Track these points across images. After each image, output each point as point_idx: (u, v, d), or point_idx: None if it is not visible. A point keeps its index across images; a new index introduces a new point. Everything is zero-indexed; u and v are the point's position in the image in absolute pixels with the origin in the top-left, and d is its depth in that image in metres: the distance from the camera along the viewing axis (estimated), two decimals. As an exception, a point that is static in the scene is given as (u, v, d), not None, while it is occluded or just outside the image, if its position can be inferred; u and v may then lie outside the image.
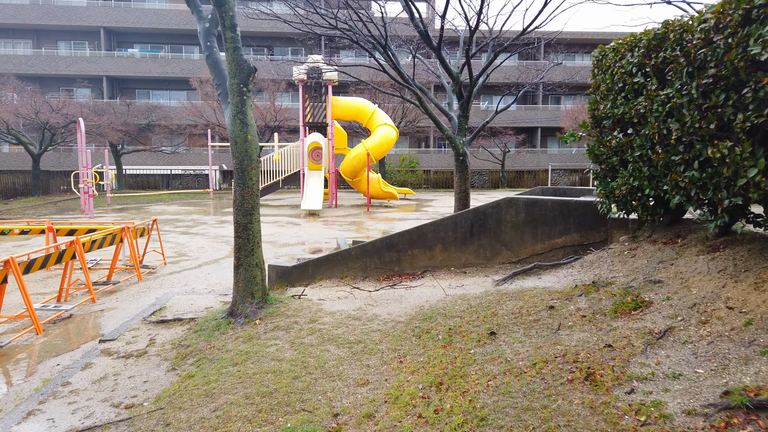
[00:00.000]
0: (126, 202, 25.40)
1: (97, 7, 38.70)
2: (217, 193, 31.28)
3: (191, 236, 14.87)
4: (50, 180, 29.62)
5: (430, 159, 41.17)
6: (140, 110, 32.74)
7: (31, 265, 6.99)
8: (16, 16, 37.77)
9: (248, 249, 5.63)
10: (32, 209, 21.93)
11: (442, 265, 7.08)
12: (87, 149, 19.87)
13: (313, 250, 12.75)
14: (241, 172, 5.63)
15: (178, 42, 41.58)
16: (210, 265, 10.97)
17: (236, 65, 5.52)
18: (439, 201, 25.82)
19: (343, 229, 16.21)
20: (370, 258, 7.43)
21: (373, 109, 22.44)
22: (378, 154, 21.67)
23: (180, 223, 17.50)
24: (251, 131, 5.65)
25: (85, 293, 8.46)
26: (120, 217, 19.45)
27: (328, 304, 5.78)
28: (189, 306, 7.45)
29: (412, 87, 11.36)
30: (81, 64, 38.30)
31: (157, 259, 11.42)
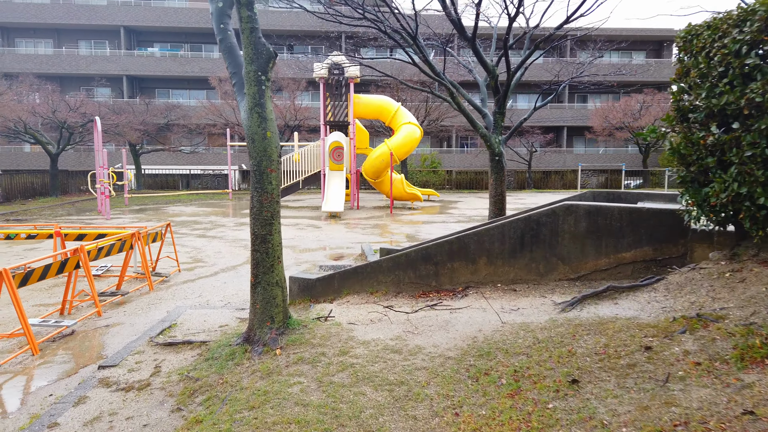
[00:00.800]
0: (144, 202, 24.92)
1: (117, 6, 38.48)
2: (236, 193, 30.72)
3: (208, 240, 14.19)
4: (69, 180, 29.34)
5: (453, 159, 40.20)
6: (159, 109, 32.36)
7: (27, 277, 6.28)
8: (37, 15, 37.72)
9: (267, 265, 4.82)
10: (49, 210, 21.53)
11: (486, 280, 6.21)
12: (105, 149, 19.38)
13: (336, 257, 11.95)
14: (259, 175, 4.82)
15: (198, 41, 41.22)
16: (227, 272, 10.23)
17: (253, 49, 4.72)
18: (464, 203, 24.87)
19: (366, 233, 15.40)
20: (404, 271, 6.58)
21: (396, 107, 21.60)
22: (402, 153, 20.82)
23: (197, 226, 16.85)
24: (271, 127, 4.85)
25: (91, 305, 7.76)
26: (137, 218, 18.89)
27: (360, 330, 4.95)
28: (202, 323, 6.68)
29: (444, 81, 10.49)
30: (101, 63, 38.12)
31: (171, 265, 10.73)
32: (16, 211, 20.39)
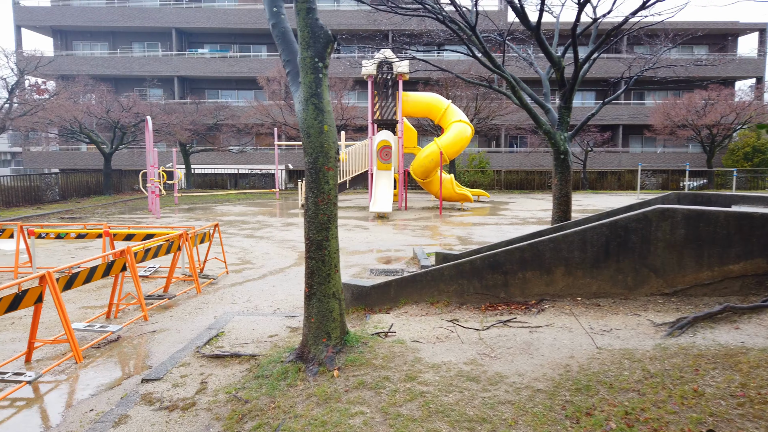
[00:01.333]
0: (193, 201, 25.10)
1: (170, 9, 39.20)
2: (282, 193, 30.67)
3: (256, 240, 13.92)
4: (122, 179, 29.97)
5: (501, 159, 39.11)
6: (209, 109, 32.70)
7: (72, 281, 6.00)
8: (93, 18, 38.84)
9: (323, 274, 4.31)
10: (102, 208, 21.89)
11: (564, 293, 5.52)
12: (156, 148, 19.52)
13: (386, 260, 11.41)
14: (314, 174, 4.32)
15: (246, 41, 41.58)
16: (275, 275, 9.85)
17: (310, 33, 4.21)
18: (516, 204, 23.94)
19: (416, 235, 14.81)
20: (468, 280, 5.97)
21: (446, 104, 20.91)
22: (452, 152, 20.12)
23: (245, 226, 16.67)
24: (328, 120, 4.33)
25: (138, 309, 7.48)
26: (186, 217, 18.91)
27: (427, 350, 4.37)
28: (250, 332, 6.25)
29: (505, 75, 9.79)
30: (153, 64, 38.91)
31: (219, 266, 10.44)
32: (70, 209, 20.80)
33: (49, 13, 38.91)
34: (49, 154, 40.36)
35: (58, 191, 24.16)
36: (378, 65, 20.26)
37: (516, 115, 32.70)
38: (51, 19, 38.87)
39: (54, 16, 38.84)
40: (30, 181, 22.45)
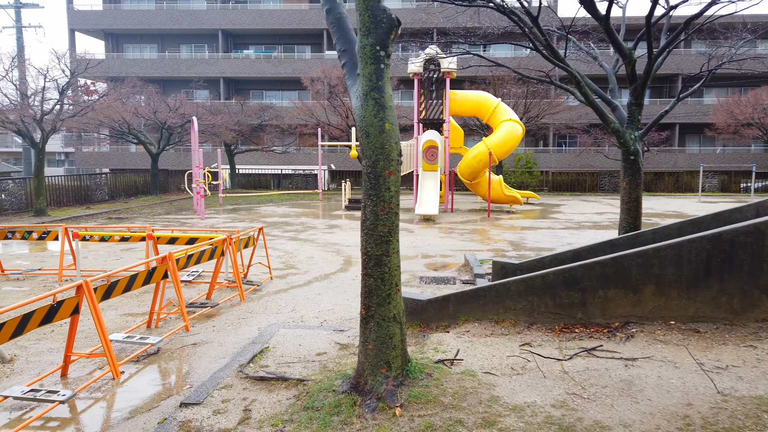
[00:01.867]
0: (237, 202, 25.09)
1: (216, 10, 39.62)
2: (325, 194, 30.38)
3: (300, 243, 13.54)
4: (168, 179, 30.34)
5: (549, 159, 37.83)
6: (253, 110, 32.78)
7: (111, 290, 5.65)
8: (143, 21, 39.63)
9: (382, 294, 3.75)
10: (148, 208, 22.06)
11: (654, 315, 4.81)
12: (201, 149, 19.50)
13: (436, 266, 10.80)
14: (374, 179, 3.76)
15: (290, 42, 41.65)
16: (321, 281, 9.39)
17: (371, 17, 3.67)
18: (568, 206, 22.88)
19: (464, 239, 14.13)
20: (539, 297, 5.31)
21: (496, 102, 20.11)
22: (501, 153, 19.31)
23: (289, 227, 16.36)
24: (390, 117, 3.78)
25: (180, 317, 7.12)
26: (230, 218, 18.78)
27: (504, 386, 3.75)
28: (296, 348, 5.77)
29: (569, 69, 9.02)
30: (200, 66, 39.41)
31: (263, 271, 10.06)
32: (118, 209, 21.01)
33: (101, 16, 39.94)
34: (100, 155, 41.43)
35: (107, 191, 24.55)
36: (425, 63, 19.64)
37: (567, 113, 31.49)
38: (103, 22, 39.87)
39: (106, 20, 39.84)
40: (80, 181, 22.85)
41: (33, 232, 9.60)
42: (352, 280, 9.50)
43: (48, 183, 21.14)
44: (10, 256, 11.69)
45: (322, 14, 30.80)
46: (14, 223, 16.64)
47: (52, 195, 21.19)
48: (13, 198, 19.20)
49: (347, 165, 38.76)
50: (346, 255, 11.96)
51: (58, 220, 17.41)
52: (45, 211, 18.09)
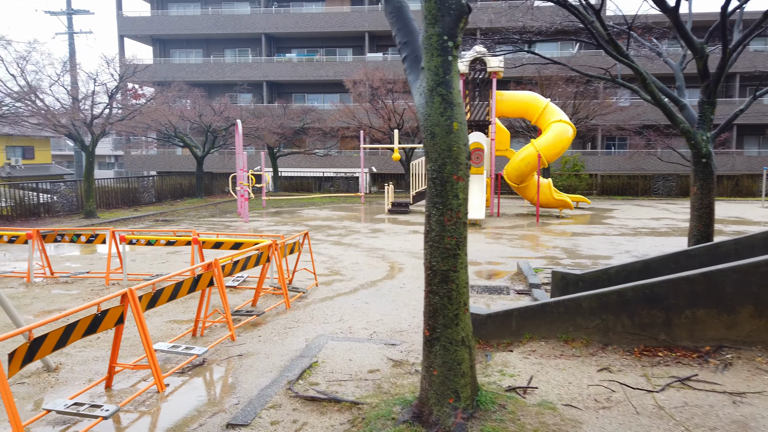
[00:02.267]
0: (280, 205, 25.10)
1: (260, 14, 40.04)
2: (367, 197, 30.09)
3: (344, 248, 13.25)
4: (213, 182, 30.71)
5: (597, 162, 36.57)
6: (296, 113, 32.87)
7: (156, 299, 5.44)
8: (189, 27, 40.40)
9: (449, 314, 3.36)
10: (194, 211, 22.26)
11: (752, 339, 4.25)
12: (245, 152, 19.53)
13: (487, 274, 10.31)
14: (440, 185, 3.37)
15: (332, 45, 41.71)
16: (367, 289, 9.04)
17: (437, 4, 3.29)
18: (621, 211, 21.91)
19: (514, 246, 13.56)
20: (615, 316, 4.80)
21: (545, 103, 19.40)
22: (551, 155, 18.60)
23: (332, 231, 16.12)
24: (458, 115, 3.38)
25: (225, 326, 6.89)
26: (273, 221, 18.71)
27: (591, 423, 3.30)
28: (347, 364, 5.42)
29: (634, 65, 8.41)
30: (244, 70, 39.88)
31: (308, 277, 9.79)
32: (164, 212, 21.26)
33: (148, 22, 40.94)
34: (148, 158, 42.44)
35: (153, 193, 24.96)
36: (470, 63, 19.12)
37: (618, 114, 30.34)
38: (150, 28, 40.86)
39: (153, 26, 40.81)
40: (128, 184, 23.29)
41: (81, 235, 9.61)
42: (399, 288, 9.13)
43: (98, 185, 21.59)
44: (60, 259, 11.82)
45: (363, 16, 30.55)
46: (65, 224, 16.99)
47: (102, 197, 21.63)
48: (64, 200, 19.65)
49: (389, 168, 38.46)
50: (391, 261, 11.60)
51: (107, 222, 17.69)
52: (94, 213, 18.42)
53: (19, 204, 17.99)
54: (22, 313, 7.56)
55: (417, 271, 10.50)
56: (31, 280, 9.32)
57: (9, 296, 8.45)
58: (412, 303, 8.11)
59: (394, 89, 29.08)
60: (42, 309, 7.82)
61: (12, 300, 8.16)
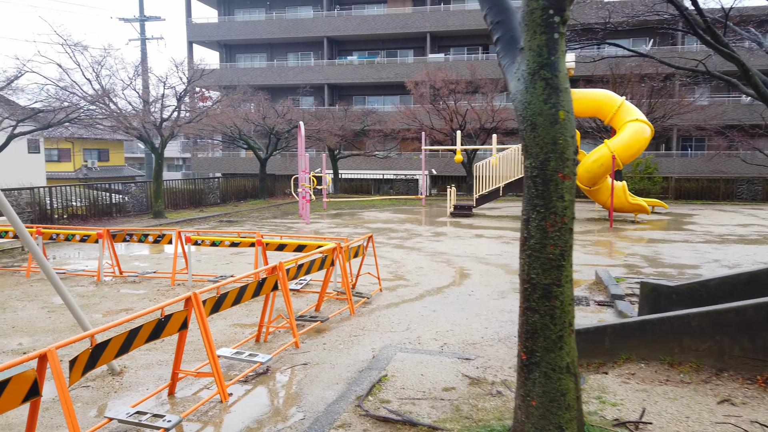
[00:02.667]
0: (340, 207, 25.02)
1: (322, 18, 40.39)
2: (427, 199, 29.58)
3: (406, 251, 12.85)
4: (275, 183, 31.09)
5: (672, 164, 34.53)
6: (356, 115, 32.82)
7: (220, 303, 5.21)
8: (254, 31, 41.27)
9: (552, 336, 2.88)
10: (257, 212, 22.50)
11: None
12: (306, 153, 19.53)
13: (562, 283, 9.60)
14: (542, 184, 2.89)
15: (393, 47, 41.53)
16: (434, 296, 8.59)
17: (545, -26, 2.80)
18: (702, 216, 20.41)
19: (588, 252, 12.73)
20: (733, 337, 4.14)
21: (619, 101, 18.29)
22: (626, 156, 17.49)
23: (393, 234, 15.75)
24: (565, 103, 2.90)
25: (289, 332, 6.62)
26: (334, 223, 18.56)
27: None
28: (418, 380, 5.00)
29: (736, 56, 7.56)
30: (306, 73, 40.33)
31: (371, 282, 9.44)
32: (229, 213, 21.58)
33: (216, 28, 42.13)
34: (213, 160, 43.65)
35: (218, 194, 25.46)
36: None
37: (697, 114, 28.49)
38: (218, 34, 42.04)
39: (220, 31, 41.96)
40: (195, 185, 23.85)
41: (149, 235, 9.66)
42: (467, 295, 8.62)
43: (166, 186, 22.20)
44: (129, 258, 12.03)
45: (425, 17, 30.00)
46: (135, 224, 17.48)
47: (169, 198, 22.23)
48: (135, 200, 20.28)
49: (448, 170, 37.81)
50: (457, 266, 11.10)
51: (174, 223, 18.08)
52: (162, 213, 18.88)
53: (93, 204, 18.67)
54: (90, 312, 7.60)
55: (485, 277, 9.96)
56: (101, 279, 9.45)
57: (79, 295, 8.57)
58: (483, 312, 7.60)
59: (457, 89, 28.47)
60: (109, 308, 7.83)
61: (82, 299, 8.28)
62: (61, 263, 11.40)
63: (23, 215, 15.38)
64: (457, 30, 38.35)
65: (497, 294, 8.74)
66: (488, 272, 10.45)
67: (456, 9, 38.45)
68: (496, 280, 9.78)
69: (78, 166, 47.28)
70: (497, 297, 8.54)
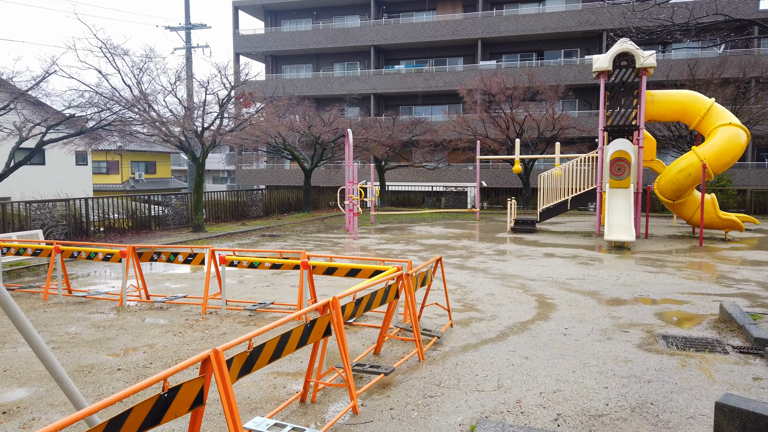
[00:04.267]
0: (388, 220, 23.50)
1: (369, 26, 39.33)
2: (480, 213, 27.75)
3: (470, 273, 11.16)
4: (320, 195, 29.89)
5: (747, 175, 31.59)
6: (404, 125, 31.38)
7: (252, 362, 3.70)
8: (300, 42, 40.58)
9: None
10: (300, 225, 21.23)
11: None
12: (353, 163, 18.16)
13: (675, 318, 7.74)
14: None
15: (442, 54, 40.06)
16: (519, 334, 6.89)
17: None
18: (802, 234, 17.85)
19: (688, 276, 10.73)
20: None
21: (708, 103, 16.13)
22: (719, 165, 15.32)
23: (451, 252, 14.06)
24: None
25: (343, 389, 5.05)
26: (384, 239, 17.03)
27: None
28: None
29: None
30: (352, 83, 39.27)
31: (436, 312, 7.82)
32: (272, 226, 20.37)
33: (262, 40, 41.68)
34: (258, 172, 43.04)
35: (261, 207, 24.38)
36: (614, 58, 16.38)
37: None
38: (264, 45, 41.57)
39: (267, 43, 41.48)
40: (237, 197, 22.81)
41: (179, 254, 8.34)
42: (562, 335, 6.88)
43: (207, 199, 21.22)
44: (161, 277, 10.80)
45: (476, 23, 28.27)
46: (173, 237, 16.42)
47: (211, 210, 21.24)
48: (175, 213, 19.32)
49: (500, 181, 35.84)
50: (535, 293, 9.34)
51: (214, 237, 16.94)
52: (203, 226, 17.79)
53: (131, 216, 17.77)
54: (100, 350, 6.24)
55: (575, 309, 8.17)
56: (124, 304, 8.16)
57: (95, 325, 7.25)
58: (591, 362, 5.86)
59: (514, 95, 26.64)
60: (126, 345, 6.48)
61: (97, 331, 6.95)
62: (86, 283, 10.24)
63: (57, 228, 14.50)
64: (510, 36, 36.54)
65: (599, 333, 6.96)
66: (576, 302, 8.66)
67: (509, 14, 36.66)
68: (591, 313, 7.98)
69: (126, 178, 47.59)
70: (601, 338, 6.76)
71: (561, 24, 35.09)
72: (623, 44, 16.28)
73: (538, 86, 27.15)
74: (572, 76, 33.76)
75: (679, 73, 24.83)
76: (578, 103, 36.11)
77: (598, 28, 34.37)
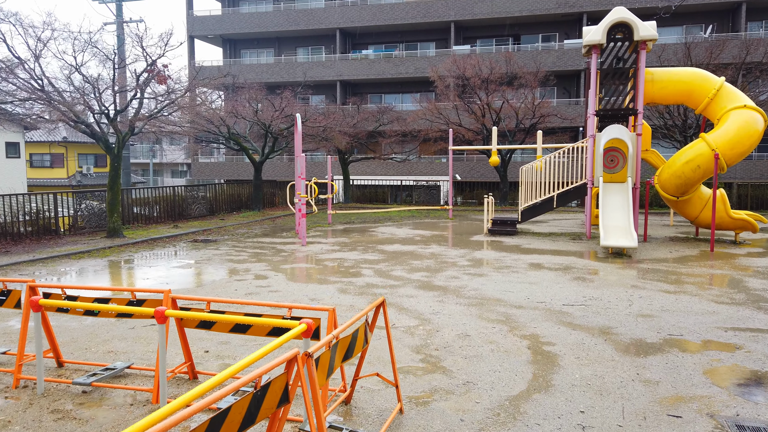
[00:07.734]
0: (350, 219, 20.69)
1: (334, 7, 36.32)
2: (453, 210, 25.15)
3: (438, 296, 8.47)
4: (276, 191, 26.85)
5: (732, 168, 29.62)
6: (371, 113, 28.54)
7: None
8: (260, 24, 37.40)
9: None
10: (245, 227, 18.28)
11: None
12: (311, 157, 15.35)
13: (741, 379, 5.09)
14: None
15: (413, 39, 37.31)
16: (508, 427, 4.18)
17: None
18: (818, 235, 15.65)
19: (719, 299, 8.20)
20: None
21: (717, 83, 13.70)
22: (733, 156, 12.91)
23: (416, 263, 11.35)
24: None
25: None
26: (338, 244, 14.24)
27: None
28: None
29: None
30: (316, 69, 36.27)
31: (373, 383, 5.11)
32: (209, 228, 17.40)
33: (219, 21, 38.33)
34: (216, 165, 39.79)
35: (205, 205, 21.31)
36: (608, 30, 13.83)
37: None
38: (221, 27, 38.24)
39: (224, 25, 38.15)
40: (173, 193, 19.70)
41: (-16, 291, 5.39)
42: (578, 424, 4.19)
43: (134, 197, 18.14)
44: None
45: (449, 4, 25.14)
46: (81, 245, 13.37)
47: (140, 210, 18.14)
48: (91, 214, 16.21)
49: (474, 175, 33.36)
50: (526, 332, 6.69)
51: (130, 244, 13.92)
52: (119, 231, 14.72)
53: (33, 219, 14.62)
54: None
55: (587, 365, 5.50)
56: None
57: None
58: None
59: (490, 80, 24.01)
60: None
61: None
62: None
63: None
64: (485, 18, 33.95)
65: (633, 416, 4.31)
66: (586, 350, 6.02)
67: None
68: (612, 374, 5.34)
69: (72, 172, 43.71)
70: (638, 430, 4.12)
71: (539, 5, 32.63)
72: (619, 12, 13.74)
73: (517, 71, 24.57)
74: (551, 62, 31.36)
75: (674, 53, 22.52)
76: (557, 91, 33.76)
77: (578, 10, 32.01)
